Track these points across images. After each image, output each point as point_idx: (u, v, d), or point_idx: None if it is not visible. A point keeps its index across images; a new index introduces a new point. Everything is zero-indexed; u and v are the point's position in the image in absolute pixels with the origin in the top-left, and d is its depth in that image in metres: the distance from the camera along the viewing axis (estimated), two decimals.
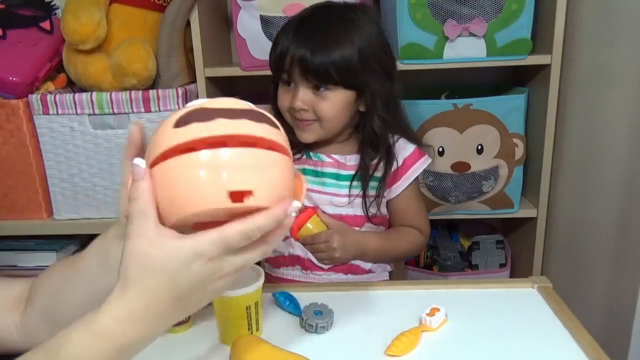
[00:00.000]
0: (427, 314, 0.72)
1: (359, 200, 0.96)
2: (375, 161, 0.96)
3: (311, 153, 1.00)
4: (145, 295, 0.42)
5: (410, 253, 1.04)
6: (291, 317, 0.75)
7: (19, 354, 0.44)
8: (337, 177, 0.97)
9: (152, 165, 0.45)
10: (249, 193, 0.43)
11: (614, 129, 1.14)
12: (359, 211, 0.97)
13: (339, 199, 0.97)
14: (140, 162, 0.44)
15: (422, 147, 1.02)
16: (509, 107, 1.28)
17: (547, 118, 1.28)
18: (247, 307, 0.68)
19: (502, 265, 1.48)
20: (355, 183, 0.96)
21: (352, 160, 0.98)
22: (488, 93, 1.31)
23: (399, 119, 0.99)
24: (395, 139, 0.99)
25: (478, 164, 1.30)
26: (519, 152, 1.31)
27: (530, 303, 0.77)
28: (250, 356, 0.62)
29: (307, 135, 0.94)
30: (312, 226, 0.89)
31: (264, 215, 0.43)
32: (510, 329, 0.71)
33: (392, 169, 0.97)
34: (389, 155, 0.96)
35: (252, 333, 0.69)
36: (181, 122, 0.43)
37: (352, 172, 0.97)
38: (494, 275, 1.46)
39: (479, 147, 1.29)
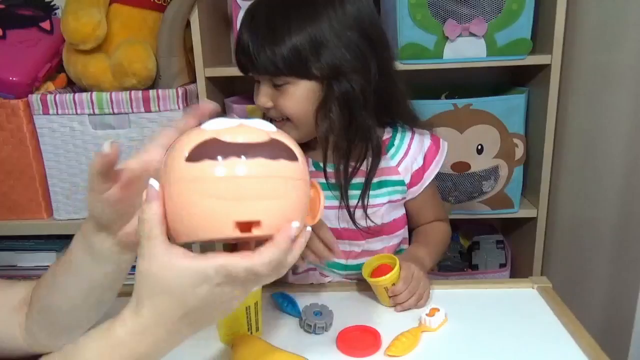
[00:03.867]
0: (426, 314, 0.72)
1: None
2: (358, 163, 0.83)
3: (322, 164, 0.85)
4: (156, 312, 0.44)
5: (446, 247, 0.98)
6: (291, 318, 0.75)
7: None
8: (358, 185, 0.86)
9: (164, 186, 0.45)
10: (256, 224, 0.43)
11: (614, 129, 1.14)
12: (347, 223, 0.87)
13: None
14: (154, 184, 0.44)
15: (432, 130, 0.93)
16: (509, 107, 1.28)
17: (547, 118, 1.28)
18: (246, 307, 0.68)
19: (502, 266, 1.48)
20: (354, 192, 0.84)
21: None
22: (488, 93, 1.30)
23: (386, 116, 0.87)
24: (410, 136, 0.90)
25: (478, 164, 1.30)
26: (519, 152, 1.31)
27: (530, 303, 0.77)
28: (250, 356, 0.62)
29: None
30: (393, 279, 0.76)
31: (270, 249, 0.43)
32: (510, 329, 0.71)
33: (415, 169, 0.89)
34: (375, 156, 0.84)
35: (251, 333, 0.69)
36: (193, 157, 0.43)
37: (360, 179, 0.85)
38: (494, 275, 1.46)
39: (479, 147, 1.29)
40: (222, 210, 0.42)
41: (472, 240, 1.53)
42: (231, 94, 1.44)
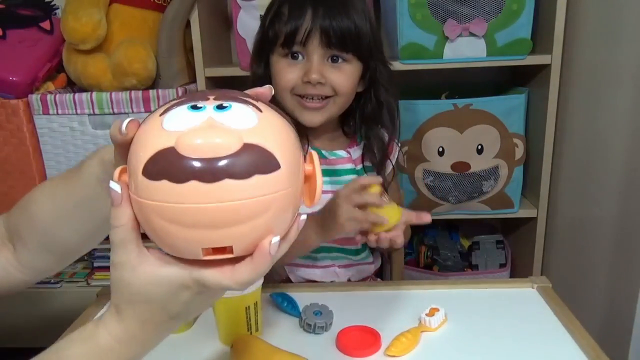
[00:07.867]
0: (426, 314, 0.71)
1: None
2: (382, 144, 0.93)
3: (324, 152, 0.92)
4: (139, 320, 0.42)
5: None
6: (291, 318, 0.75)
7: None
8: (355, 172, 0.93)
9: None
10: (227, 249, 0.38)
11: (613, 129, 1.14)
12: None
13: None
14: (115, 187, 0.40)
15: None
16: (509, 107, 1.28)
17: (547, 118, 1.28)
18: (246, 307, 0.68)
19: (502, 265, 1.48)
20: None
21: (356, 152, 0.94)
22: (488, 93, 1.31)
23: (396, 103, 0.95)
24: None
25: (478, 164, 1.30)
26: (519, 152, 1.31)
27: (530, 303, 0.77)
28: (250, 356, 0.62)
29: (317, 117, 0.86)
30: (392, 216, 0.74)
31: (247, 271, 0.40)
32: (510, 329, 0.71)
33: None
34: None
35: (251, 333, 0.69)
36: (150, 172, 0.37)
37: (362, 165, 0.94)
38: (494, 275, 1.46)
39: (479, 147, 1.29)
40: (185, 236, 0.38)
41: (472, 240, 1.54)
42: None
